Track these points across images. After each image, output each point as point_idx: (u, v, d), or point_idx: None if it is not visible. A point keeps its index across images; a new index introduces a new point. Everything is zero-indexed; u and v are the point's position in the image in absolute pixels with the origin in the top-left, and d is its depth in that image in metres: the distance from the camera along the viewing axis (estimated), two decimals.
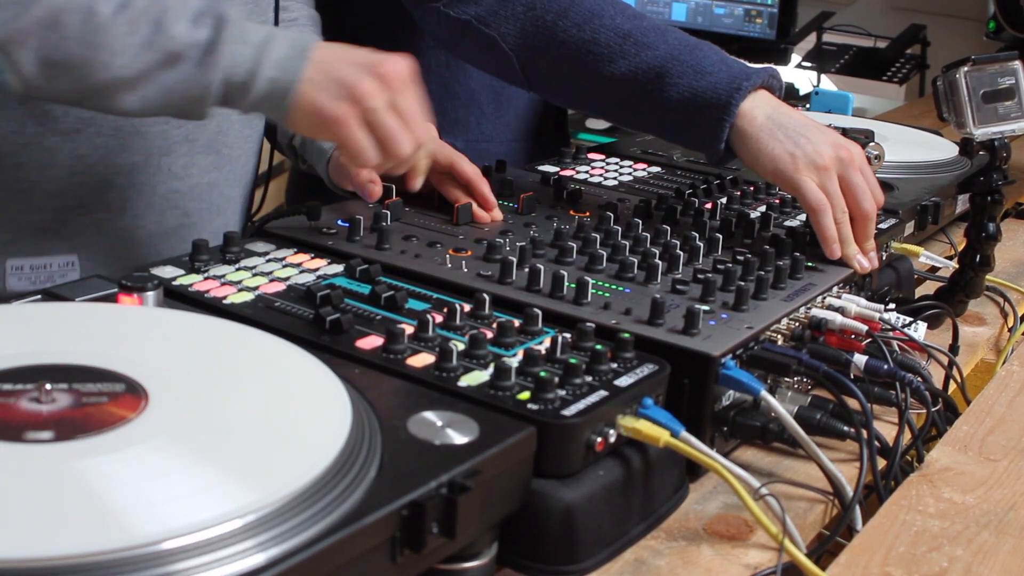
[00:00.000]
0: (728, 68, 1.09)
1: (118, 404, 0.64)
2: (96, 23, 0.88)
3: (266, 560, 0.55)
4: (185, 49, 0.90)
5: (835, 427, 0.87)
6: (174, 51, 0.90)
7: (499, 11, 1.16)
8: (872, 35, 3.05)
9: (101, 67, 0.89)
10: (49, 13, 0.87)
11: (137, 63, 0.89)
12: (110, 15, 0.88)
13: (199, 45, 0.90)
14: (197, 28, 0.90)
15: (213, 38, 0.91)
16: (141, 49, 0.89)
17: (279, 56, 0.93)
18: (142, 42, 0.89)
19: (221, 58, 0.91)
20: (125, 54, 0.89)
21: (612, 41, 1.12)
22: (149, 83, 0.90)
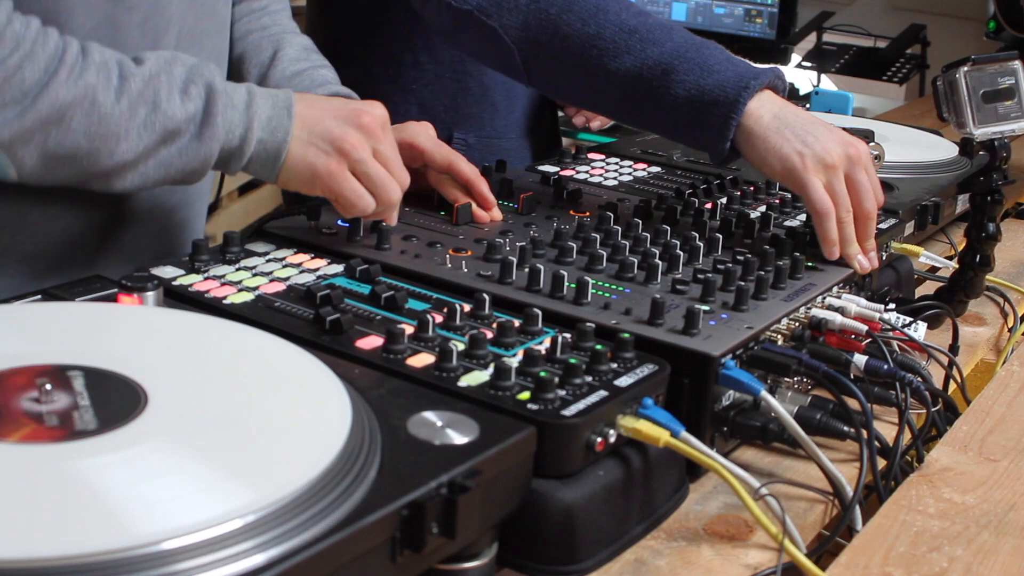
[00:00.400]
0: (735, 67, 1.09)
1: (118, 404, 0.64)
2: (100, 113, 0.88)
3: (266, 560, 0.55)
4: (182, 125, 0.91)
5: (835, 427, 0.87)
6: (171, 128, 0.91)
7: (502, 2, 1.15)
8: (872, 35, 3.05)
9: (106, 155, 0.89)
10: (53, 110, 0.86)
11: (139, 145, 0.90)
12: (112, 103, 0.88)
13: (194, 119, 0.91)
14: (189, 100, 0.91)
15: (206, 108, 0.92)
16: (141, 131, 0.90)
17: (265, 116, 0.95)
18: (141, 124, 0.90)
19: (217, 129, 0.92)
20: (128, 139, 0.89)
21: (617, 36, 1.11)
22: (149, 161, 0.91)
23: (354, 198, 0.96)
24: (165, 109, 0.90)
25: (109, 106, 0.88)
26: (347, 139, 0.96)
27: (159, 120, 0.90)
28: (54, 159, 0.88)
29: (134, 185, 0.93)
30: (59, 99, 0.86)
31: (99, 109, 0.88)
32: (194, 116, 0.91)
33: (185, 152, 0.92)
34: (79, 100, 0.87)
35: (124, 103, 0.89)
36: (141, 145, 0.90)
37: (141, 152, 0.90)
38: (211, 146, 0.92)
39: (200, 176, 0.95)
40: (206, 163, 0.93)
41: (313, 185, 0.97)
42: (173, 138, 0.91)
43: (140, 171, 0.91)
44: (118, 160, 0.90)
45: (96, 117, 0.88)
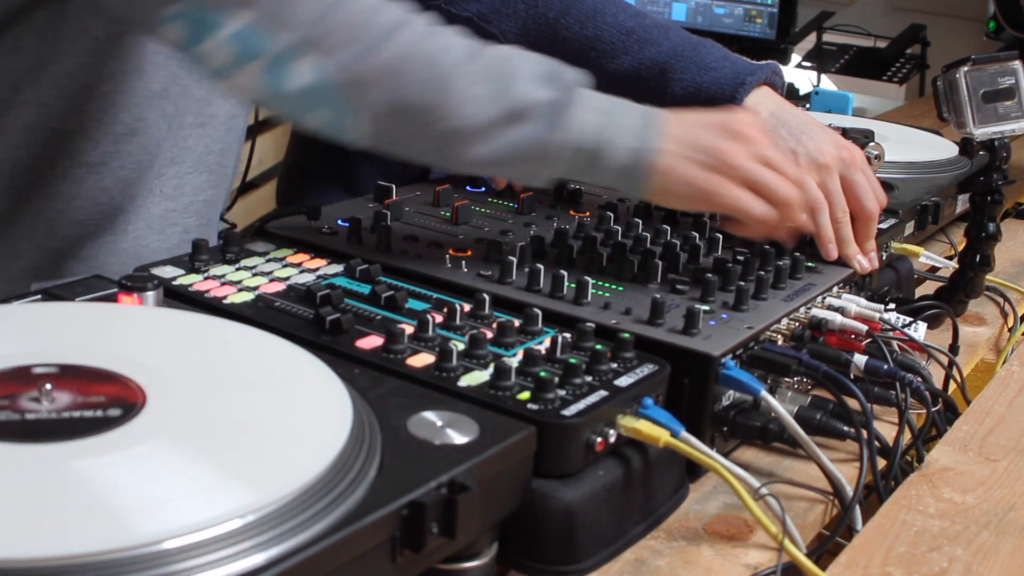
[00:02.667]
0: (732, 64, 1.09)
1: (118, 404, 0.64)
2: (441, 71, 0.86)
3: (266, 560, 0.55)
4: (532, 107, 0.87)
5: (835, 427, 0.87)
6: (520, 108, 0.87)
7: (501, 9, 1.15)
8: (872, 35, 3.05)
9: (448, 115, 0.86)
10: (396, 57, 0.85)
11: (484, 115, 0.87)
12: (453, 65, 0.86)
13: (546, 105, 0.88)
14: (544, 88, 0.88)
15: (562, 100, 0.88)
16: (486, 102, 0.87)
17: (632, 125, 0.90)
18: (487, 95, 0.87)
19: (570, 122, 0.88)
20: (472, 104, 0.86)
21: (615, 38, 1.12)
22: (495, 138, 0.88)
23: (748, 208, 0.92)
24: (516, 88, 0.87)
25: (449, 66, 0.86)
26: (726, 151, 0.91)
27: (508, 96, 0.87)
28: (400, 109, 0.86)
29: (483, 160, 0.89)
30: (408, 47, 0.85)
31: (442, 68, 0.86)
32: (546, 103, 0.88)
33: (535, 138, 0.88)
34: (429, 52, 0.85)
35: (467, 69, 0.87)
36: (486, 116, 0.87)
37: (485, 123, 0.87)
38: (560, 136, 0.88)
39: (549, 172, 0.90)
40: (554, 154, 0.89)
41: (697, 201, 0.93)
42: (521, 119, 0.87)
43: (488, 146, 0.88)
44: (460, 124, 0.86)
45: (443, 72, 0.85)
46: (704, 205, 0.93)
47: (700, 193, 0.91)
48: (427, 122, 0.87)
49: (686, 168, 0.91)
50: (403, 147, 0.91)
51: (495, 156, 0.89)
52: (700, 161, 0.91)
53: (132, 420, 0.63)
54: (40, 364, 0.68)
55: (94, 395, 0.65)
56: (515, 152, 0.89)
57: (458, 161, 0.90)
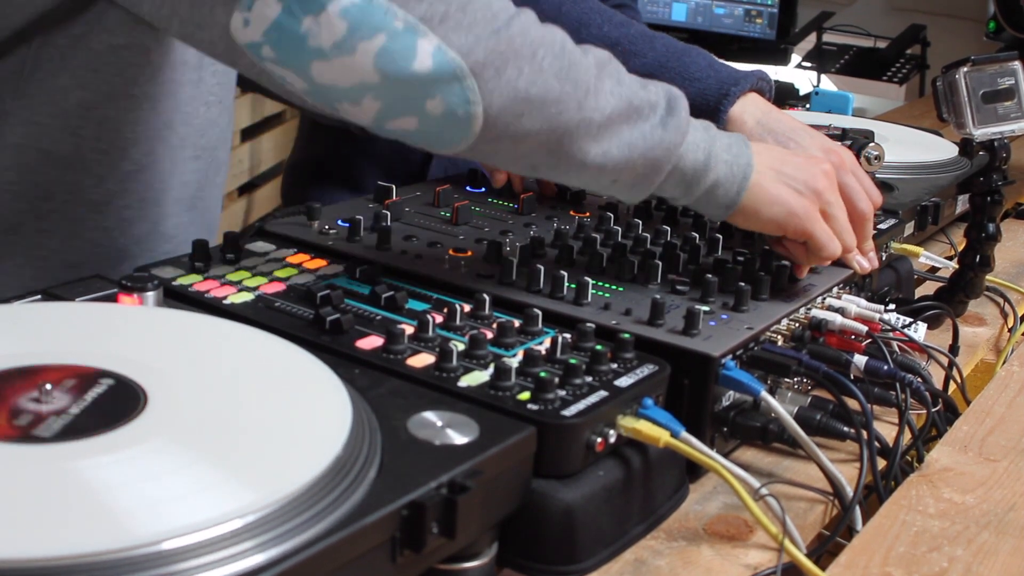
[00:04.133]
0: (716, 73, 1.09)
1: (118, 404, 0.64)
2: (571, 60, 0.82)
3: (266, 560, 0.55)
4: (646, 107, 0.86)
5: (835, 427, 0.87)
6: (636, 104, 0.85)
7: None
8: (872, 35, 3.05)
9: (575, 105, 0.81)
10: (527, 41, 0.79)
11: (606, 108, 0.83)
12: (581, 55, 0.83)
13: (659, 105, 0.86)
14: (650, 91, 0.87)
15: (668, 104, 0.87)
16: (609, 95, 0.83)
17: (725, 141, 0.90)
18: (609, 89, 0.84)
19: (681, 123, 0.87)
20: (597, 96, 0.83)
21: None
22: (613, 134, 0.84)
23: (826, 240, 0.95)
24: (629, 86, 0.85)
25: (578, 56, 0.83)
26: (819, 181, 0.94)
27: (625, 92, 0.84)
28: (523, 99, 0.79)
29: (596, 157, 0.84)
30: (530, 34, 0.79)
31: (570, 55, 0.82)
32: (657, 103, 0.86)
33: (649, 136, 0.85)
34: (550, 42, 0.81)
35: (592, 61, 0.84)
36: (608, 108, 0.83)
37: (607, 116, 0.83)
38: (676, 138, 0.86)
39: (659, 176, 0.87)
40: (668, 154, 0.86)
41: (785, 224, 0.94)
42: (637, 117, 0.85)
43: (604, 143, 0.84)
44: (585, 116, 0.82)
45: (568, 61, 0.81)
46: (786, 227, 0.94)
47: (788, 214, 0.93)
48: (553, 113, 0.81)
49: (779, 190, 0.93)
50: (518, 144, 0.82)
51: (612, 155, 0.85)
52: (791, 185, 0.93)
53: (132, 420, 0.63)
54: (40, 364, 0.68)
55: (94, 395, 0.65)
56: (631, 150, 0.85)
57: (576, 160, 0.84)
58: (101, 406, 0.64)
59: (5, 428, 0.61)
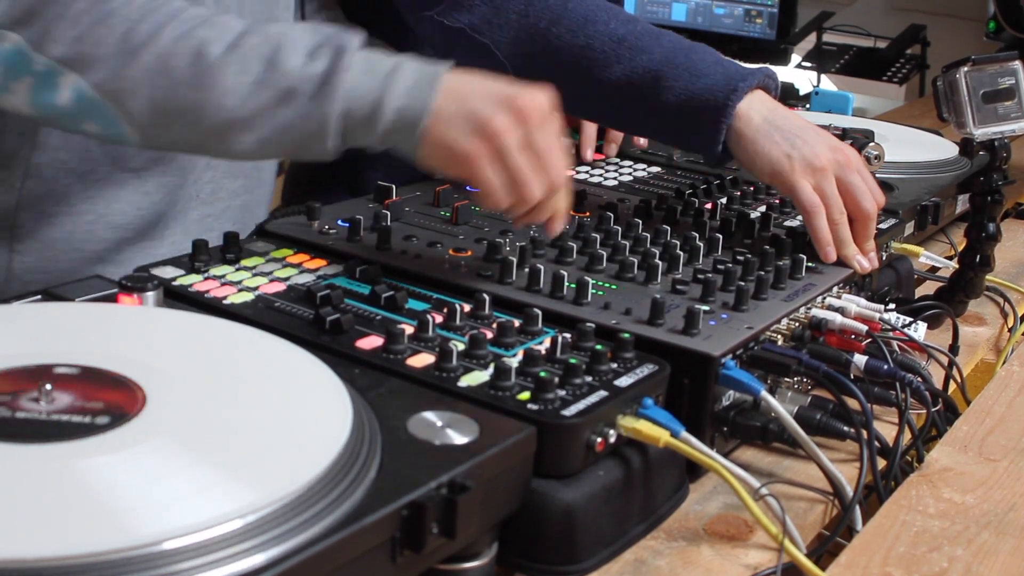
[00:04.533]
0: (724, 69, 1.09)
1: (118, 404, 0.64)
2: (206, 64, 0.85)
3: (266, 560, 0.55)
4: (299, 83, 0.85)
5: (835, 427, 0.87)
6: (288, 86, 0.85)
7: (492, 19, 1.16)
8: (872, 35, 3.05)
9: (213, 109, 0.85)
10: (158, 59, 0.84)
11: (250, 102, 0.85)
12: (220, 55, 0.85)
13: (313, 78, 0.86)
14: (313, 61, 0.86)
15: (329, 69, 0.86)
16: (254, 88, 0.85)
17: (405, 85, 0.87)
18: (255, 80, 0.85)
19: (337, 90, 0.86)
20: (237, 94, 0.85)
21: (606, 46, 1.12)
22: (264, 122, 0.86)
23: (489, 189, 0.87)
24: (284, 67, 0.85)
25: (215, 57, 0.85)
26: (494, 122, 0.86)
27: (274, 78, 0.85)
28: (163, 112, 0.86)
29: (251, 148, 0.87)
30: (165, 49, 0.84)
31: (204, 60, 0.85)
32: (314, 76, 0.86)
33: (301, 114, 0.85)
34: (183, 50, 0.85)
35: (234, 56, 0.85)
36: (252, 103, 0.85)
37: (253, 111, 0.85)
38: (328, 108, 0.85)
39: (323, 144, 0.87)
40: (323, 127, 0.86)
41: (451, 166, 0.88)
42: (289, 98, 0.85)
43: (255, 133, 0.86)
44: (228, 116, 0.85)
45: (201, 68, 0.85)
46: (456, 170, 0.89)
47: (454, 157, 0.87)
48: (193, 120, 0.86)
49: (448, 130, 0.87)
50: (177, 145, 0.92)
51: (267, 140, 0.87)
52: (467, 127, 0.86)
53: (132, 420, 0.63)
54: (40, 364, 0.68)
55: (94, 395, 0.65)
56: (285, 131, 0.86)
57: (230, 151, 0.89)
58: (101, 406, 0.64)
59: (5, 427, 0.61)
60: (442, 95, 0.87)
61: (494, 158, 0.87)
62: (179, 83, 0.85)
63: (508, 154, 0.87)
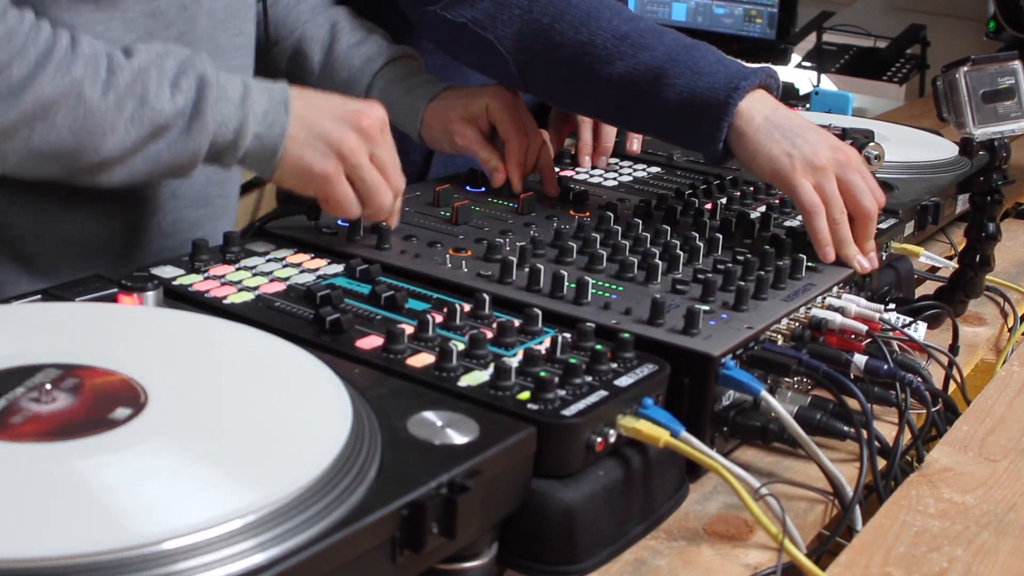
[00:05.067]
0: (725, 68, 1.09)
1: (118, 404, 0.64)
2: (86, 108, 0.86)
3: (266, 560, 0.55)
4: (171, 119, 0.90)
5: (835, 427, 0.87)
6: (160, 123, 0.89)
7: (495, 14, 1.16)
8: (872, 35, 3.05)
9: (92, 152, 0.88)
10: (39, 105, 0.85)
11: (126, 141, 0.89)
12: (99, 98, 0.87)
13: (184, 113, 0.90)
14: (180, 93, 0.90)
15: (197, 102, 0.90)
16: (129, 126, 0.88)
17: (261, 110, 0.93)
18: (129, 118, 0.88)
19: (207, 123, 0.91)
20: (115, 134, 0.88)
21: (609, 43, 1.12)
22: (138, 156, 0.90)
23: (345, 203, 0.96)
24: (154, 103, 0.89)
25: (95, 101, 0.87)
26: (345, 142, 0.95)
27: (147, 115, 0.89)
28: (38, 155, 0.87)
29: (120, 180, 0.92)
30: (44, 94, 0.85)
31: (85, 104, 0.86)
32: (183, 110, 0.90)
33: (174, 147, 0.91)
34: (64, 95, 0.86)
35: (111, 98, 0.87)
36: (128, 140, 0.89)
37: (129, 147, 0.89)
38: (200, 140, 0.91)
39: (189, 171, 0.94)
40: (195, 157, 0.92)
41: (307, 185, 0.96)
42: (161, 133, 0.90)
43: (128, 166, 0.90)
44: (104, 156, 0.89)
45: (82, 112, 0.86)
46: (311, 189, 0.96)
47: (310, 178, 0.95)
48: (72, 160, 0.88)
49: (303, 152, 0.94)
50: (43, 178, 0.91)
51: (137, 171, 0.91)
52: (317, 147, 0.94)
53: (132, 420, 0.63)
54: (40, 364, 0.68)
55: (94, 395, 0.65)
56: (156, 163, 0.91)
57: (101, 183, 0.91)
58: (101, 406, 0.64)
59: (5, 427, 0.61)
60: (294, 119, 0.94)
61: (348, 175, 0.96)
62: (60, 127, 0.86)
63: (361, 170, 0.96)
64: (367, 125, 0.96)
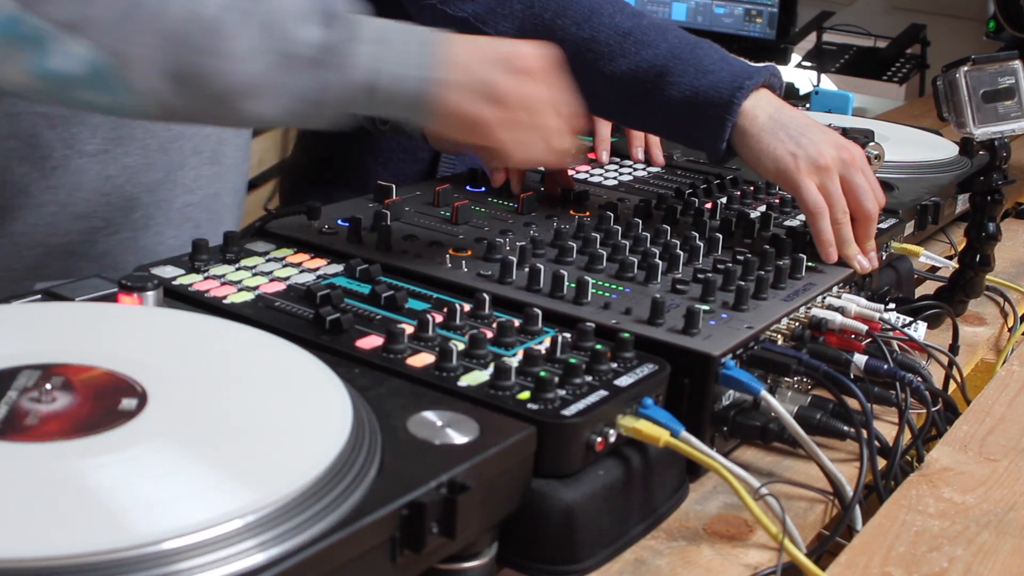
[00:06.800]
0: (730, 66, 1.09)
1: (118, 404, 0.64)
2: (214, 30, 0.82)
3: (266, 560, 0.55)
4: (306, 52, 0.84)
5: (835, 427, 0.87)
6: (290, 52, 0.84)
7: (497, 9, 1.15)
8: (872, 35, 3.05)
9: (225, 74, 0.82)
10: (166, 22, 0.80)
11: (253, 67, 0.83)
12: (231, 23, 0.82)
13: (322, 47, 0.84)
14: (316, 28, 0.84)
15: (337, 37, 0.85)
16: (255, 53, 0.83)
17: (412, 53, 0.87)
18: (258, 47, 0.83)
19: (348, 58, 0.85)
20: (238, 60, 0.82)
21: (612, 39, 1.11)
22: (270, 87, 0.84)
23: (503, 151, 0.91)
24: (287, 34, 0.84)
25: (223, 24, 0.82)
26: (503, 86, 0.88)
27: (280, 44, 0.83)
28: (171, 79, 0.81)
29: (265, 114, 0.85)
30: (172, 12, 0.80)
31: (214, 26, 0.82)
32: (322, 44, 0.84)
33: (315, 84, 0.84)
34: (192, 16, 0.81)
35: (244, 23, 0.83)
36: (255, 67, 0.83)
37: (257, 74, 0.83)
38: (342, 77, 0.84)
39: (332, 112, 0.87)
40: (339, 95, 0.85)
41: (465, 133, 0.90)
42: (293, 64, 0.84)
43: (265, 99, 0.83)
44: (232, 80, 0.82)
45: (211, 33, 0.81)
46: (471, 137, 0.91)
47: (469, 125, 0.89)
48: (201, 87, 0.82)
49: (460, 99, 0.88)
50: (186, 115, 0.87)
51: (277, 109, 0.85)
52: (477, 93, 0.88)
53: (132, 420, 0.63)
54: (40, 364, 0.68)
55: (94, 395, 0.65)
56: (296, 101, 0.85)
57: (244, 118, 0.86)
58: (101, 406, 0.64)
59: (5, 428, 0.61)
60: (447, 62, 0.88)
61: (505, 121, 0.89)
62: (189, 48, 0.81)
63: (518, 115, 0.89)
64: (527, 66, 0.90)
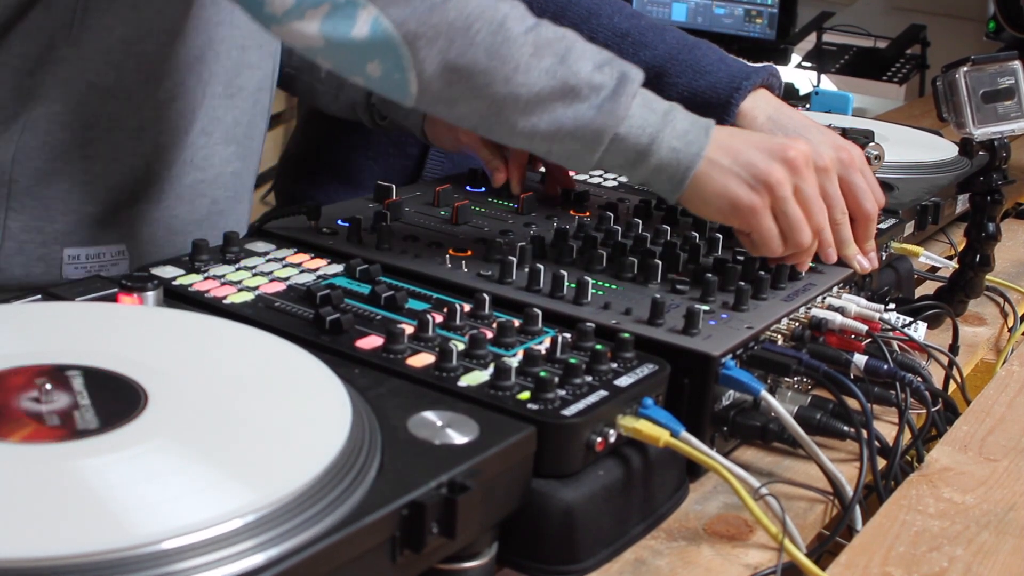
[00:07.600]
0: (727, 67, 1.09)
1: (118, 404, 0.64)
2: (505, 36, 0.86)
3: (266, 560, 0.55)
4: (586, 88, 0.88)
5: (835, 427, 0.87)
6: (574, 86, 0.88)
7: None
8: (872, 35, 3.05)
9: (502, 80, 0.87)
10: (461, 16, 0.85)
11: (536, 85, 0.87)
12: (520, 33, 0.87)
13: (600, 89, 0.88)
14: (601, 74, 0.89)
15: (616, 88, 0.89)
16: (542, 73, 0.87)
17: (681, 128, 0.91)
18: (545, 68, 0.87)
19: (620, 109, 0.89)
20: (527, 73, 0.87)
21: (610, 40, 1.11)
22: (544, 111, 0.88)
23: (768, 238, 0.94)
24: (572, 65, 0.88)
25: (516, 34, 0.87)
26: (773, 174, 0.92)
27: (562, 72, 0.87)
28: (453, 70, 0.86)
29: (526, 132, 0.90)
30: (467, 9, 0.85)
31: (505, 32, 0.86)
32: (600, 86, 0.88)
33: (580, 117, 0.89)
34: (489, 17, 0.86)
35: (531, 40, 0.87)
36: (538, 86, 0.87)
37: (538, 95, 0.88)
38: (608, 122, 0.89)
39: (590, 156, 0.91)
40: (597, 138, 0.89)
41: (730, 215, 0.94)
42: (572, 97, 0.88)
43: (534, 120, 0.89)
44: (512, 90, 0.87)
45: (500, 38, 0.86)
46: (732, 220, 0.95)
47: (731, 208, 0.93)
48: (482, 84, 0.87)
49: (725, 180, 0.92)
50: (453, 108, 0.90)
51: (544, 129, 0.89)
52: (741, 177, 0.92)
53: (132, 420, 0.63)
54: (40, 364, 0.68)
55: (94, 395, 0.65)
56: (562, 129, 0.89)
57: (506, 129, 0.90)
58: (101, 406, 0.64)
59: (6, 428, 0.61)
60: (714, 145, 0.91)
61: (772, 208, 0.93)
62: (477, 45, 0.86)
63: (785, 203, 0.93)
64: (793, 156, 0.93)
